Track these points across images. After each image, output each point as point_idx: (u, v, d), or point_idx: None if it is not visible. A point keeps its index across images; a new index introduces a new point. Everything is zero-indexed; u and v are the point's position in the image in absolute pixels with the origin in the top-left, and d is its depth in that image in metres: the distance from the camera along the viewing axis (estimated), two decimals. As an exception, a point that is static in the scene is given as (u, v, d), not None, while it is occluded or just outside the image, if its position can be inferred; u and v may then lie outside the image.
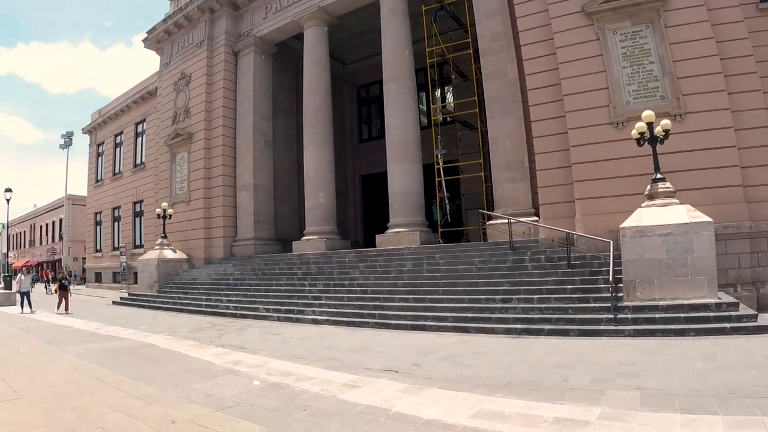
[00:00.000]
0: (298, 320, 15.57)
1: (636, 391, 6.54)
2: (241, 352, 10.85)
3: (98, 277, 40.14)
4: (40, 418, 6.34)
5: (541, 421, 5.57)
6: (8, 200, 34.21)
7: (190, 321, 17.02)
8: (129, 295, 25.49)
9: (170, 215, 24.63)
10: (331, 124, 24.03)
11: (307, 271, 19.83)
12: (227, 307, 18.46)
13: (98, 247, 41.06)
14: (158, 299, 22.52)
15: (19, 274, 22.22)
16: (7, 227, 43.18)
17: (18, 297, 21.11)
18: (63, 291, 20.66)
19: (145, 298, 23.38)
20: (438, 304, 13.78)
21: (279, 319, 16.10)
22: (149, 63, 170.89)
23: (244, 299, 18.69)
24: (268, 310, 16.99)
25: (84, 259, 48.68)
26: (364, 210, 30.86)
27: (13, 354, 11.05)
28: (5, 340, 13.32)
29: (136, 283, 30.56)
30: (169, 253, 24.83)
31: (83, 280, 44.59)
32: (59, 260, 59.28)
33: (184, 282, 23.64)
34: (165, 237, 25.12)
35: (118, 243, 37.15)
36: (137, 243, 35.05)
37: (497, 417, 5.80)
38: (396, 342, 11.44)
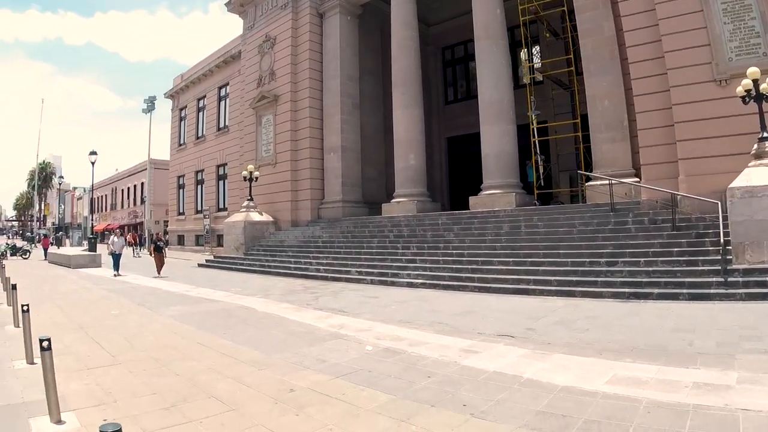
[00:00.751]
0: (393, 283, 15.91)
1: (765, 355, 6.52)
2: (343, 315, 10.91)
3: (180, 240, 42.19)
4: (144, 385, 6.11)
5: (681, 387, 5.50)
6: (93, 163, 36.00)
7: (281, 283, 17.51)
8: (214, 257, 26.82)
9: (256, 178, 25.63)
10: (420, 84, 24.17)
11: (399, 233, 20.26)
12: (318, 270, 19.10)
13: (181, 210, 43.04)
14: (245, 262, 23.58)
15: (111, 236, 22.90)
16: (92, 189, 45.26)
17: (112, 259, 21.32)
18: (158, 253, 20.95)
19: (231, 261, 24.52)
20: (540, 268, 13.96)
21: (372, 282, 16.53)
22: (227, 29, 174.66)
23: (335, 262, 19.36)
24: (360, 273, 17.49)
25: (165, 222, 50.95)
26: (450, 173, 30.99)
27: (105, 316, 11.08)
28: (95, 302, 13.53)
29: (219, 245, 32.01)
30: (255, 216, 25.96)
31: (165, 243, 46.59)
32: (140, 223, 62.12)
33: (271, 244, 24.69)
34: (251, 199, 26.23)
35: (201, 206, 38.82)
36: (221, 206, 36.56)
37: (634, 382, 5.72)
38: (501, 306, 11.54)
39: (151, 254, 21.38)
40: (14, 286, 10.04)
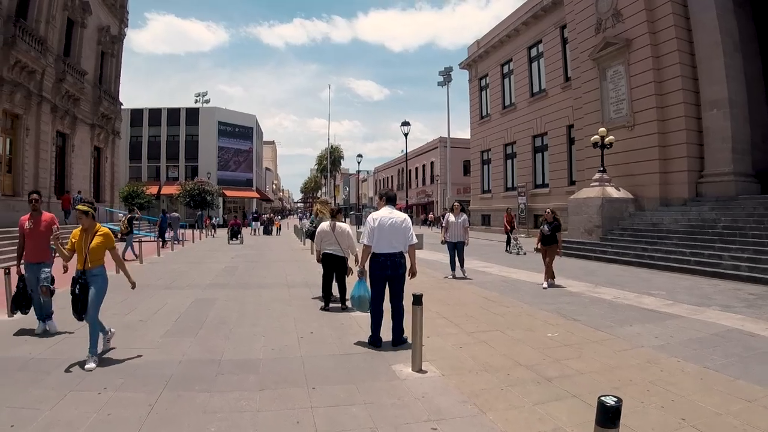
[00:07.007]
0: None
1: None
2: None
3: (485, 220, 38.63)
4: None
5: None
6: (406, 135, 34.67)
7: (701, 284, 12.57)
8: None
9: (610, 143, 20.23)
10: None
11: None
12: (737, 267, 13.57)
13: (486, 188, 39.51)
14: (604, 249, 18.71)
15: (447, 215, 14.95)
16: (406, 160, 44.73)
17: (448, 250, 14.51)
18: (550, 246, 12.55)
19: (582, 247, 19.80)
20: None
21: None
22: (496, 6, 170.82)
23: (763, 258, 13.40)
24: (823, 276, 11.55)
25: (461, 201, 48.16)
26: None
27: (545, 345, 6.85)
28: (486, 308, 9.50)
29: (536, 227, 27.45)
30: (613, 192, 20.56)
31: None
32: (431, 203, 60.74)
33: (637, 228, 19.16)
34: (604, 171, 20.95)
35: (513, 183, 34.62)
36: (538, 182, 32.00)
37: None
38: None
39: (537, 245, 13.20)
40: (418, 299, 5.77)
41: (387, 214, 6.71)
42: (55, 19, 26.01)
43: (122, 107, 38.86)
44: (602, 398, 2.55)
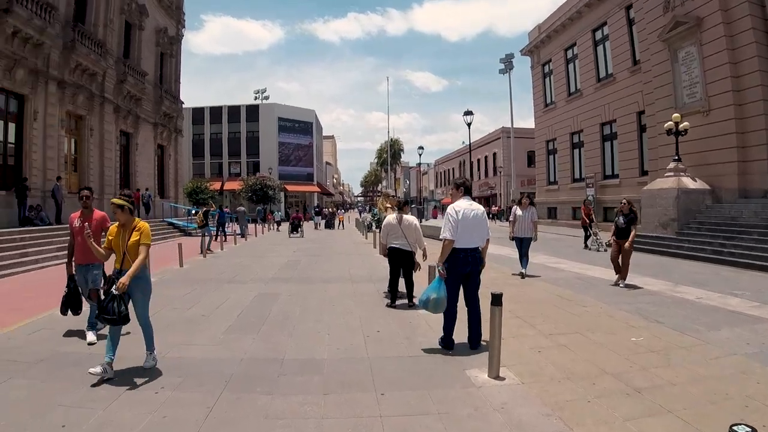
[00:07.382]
0: None
1: None
2: None
3: (551, 213, 37.62)
4: None
5: None
6: (469, 124, 34.22)
7: None
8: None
9: (685, 130, 19.22)
10: None
11: None
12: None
13: (552, 179, 38.45)
14: (681, 244, 17.76)
15: (514, 208, 14.00)
16: (470, 150, 43.95)
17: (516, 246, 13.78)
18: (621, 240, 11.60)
19: (657, 242, 18.86)
20: None
21: None
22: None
23: None
24: None
25: (528, 194, 47.19)
26: None
27: (630, 349, 6.41)
28: (561, 308, 9.08)
29: (606, 220, 26.47)
30: (689, 182, 19.48)
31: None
32: (494, 195, 59.90)
33: (715, 222, 18.06)
34: (679, 160, 19.88)
35: (581, 173, 33.54)
36: (607, 173, 30.94)
37: None
38: None
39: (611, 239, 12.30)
40: (497, 299, 5.37)
41: (467, 205, 6.33)
42: (113, 22, 26.97)
43: (183, 106, 39.90)
44: (735, 428, 2.42)
